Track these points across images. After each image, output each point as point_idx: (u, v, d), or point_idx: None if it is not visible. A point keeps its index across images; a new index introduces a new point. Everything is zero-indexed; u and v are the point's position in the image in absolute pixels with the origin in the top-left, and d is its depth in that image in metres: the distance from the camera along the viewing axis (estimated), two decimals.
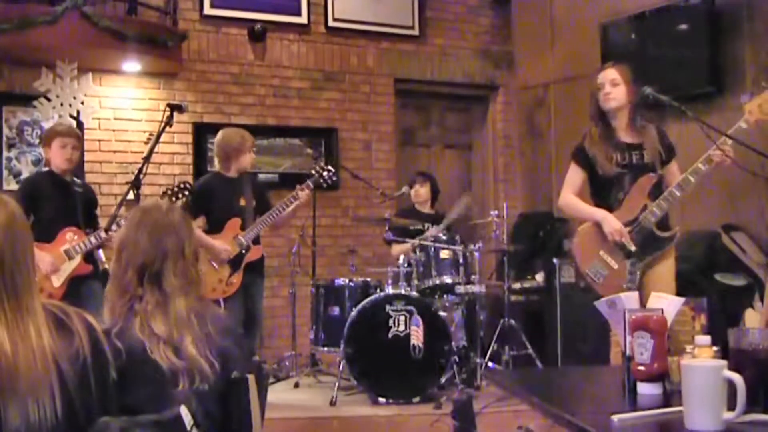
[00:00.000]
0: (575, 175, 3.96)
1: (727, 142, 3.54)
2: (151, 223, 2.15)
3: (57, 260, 4.32)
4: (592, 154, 3.84)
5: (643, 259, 3.75)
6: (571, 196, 3.97)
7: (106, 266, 4.65)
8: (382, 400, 4.82)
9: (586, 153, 3.87)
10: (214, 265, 4.68)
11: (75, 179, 4.62)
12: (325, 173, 5.05)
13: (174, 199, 4.41)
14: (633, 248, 3.73)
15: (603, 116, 3.86)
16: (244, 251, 4.75)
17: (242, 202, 4.87)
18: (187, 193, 4.48)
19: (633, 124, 3.83)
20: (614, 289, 3.48)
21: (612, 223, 3.75)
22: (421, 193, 5.95)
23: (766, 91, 3.51)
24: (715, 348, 1.80)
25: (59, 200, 4.45)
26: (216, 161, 5.08)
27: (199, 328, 2.08)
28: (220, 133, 5.03)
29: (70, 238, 4.39)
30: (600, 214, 3.81)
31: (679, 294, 2.16)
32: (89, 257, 4.47)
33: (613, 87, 3.80)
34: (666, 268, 3.81)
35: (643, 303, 2.15)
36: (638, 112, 3.82)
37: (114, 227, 4.36)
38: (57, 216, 4.42)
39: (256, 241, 4.85)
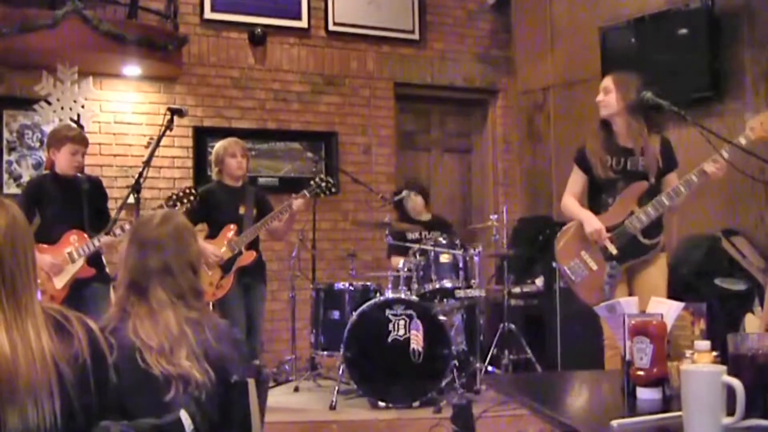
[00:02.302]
0: (575, 179, 4.03)
1: (718, 159, 3.55)
2: (137, 240, 2.19)
3: (60, 262, 4.32)
4: (590, 158, 3.88)
5: (623, 263, 3.77)
6: (569, 198, 4.03)
7: (107, 270, 4.65)
8: (381, 404, 4.82)
9: (585, 156, 3.91)
10: (205, 268, 4.67)
11: (79, 175, 4.59)
12: (324, 184, 5.03)
13: (179, 204, 4.39)
14: (614, 251, 3.76)
15: (606, 122, 3.90)
16: (235, 255, 4.75)
17: (242, 210, 4.87)
18: (192, 198, 4.45)
19: (630, 130, 3.83)
20: (591, 290, 3.54)
21: (592, 223, 3.80)
22: (418, 204, 5.96)
23: None
24: (714, 353, 1.80)
25: (64, 202, 4.45)
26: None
27: (196, 336, 2.08)
28: None
29: (74, 241, 4.39)
30: (583, 214, 3.88)
31: (676, 299, 2.16)
32: (93, 260, 4.47)
33: (605, 95, 3.85)
34: (656, 275, 3.82)
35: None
36: (636, 117, 3.82)
37: (117, 231, 4.35)
38: (62, 217, 4.41)
39: (251, 246, 4.83)
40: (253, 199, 4.95)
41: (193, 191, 4.50)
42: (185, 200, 4.41)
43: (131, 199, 4.52)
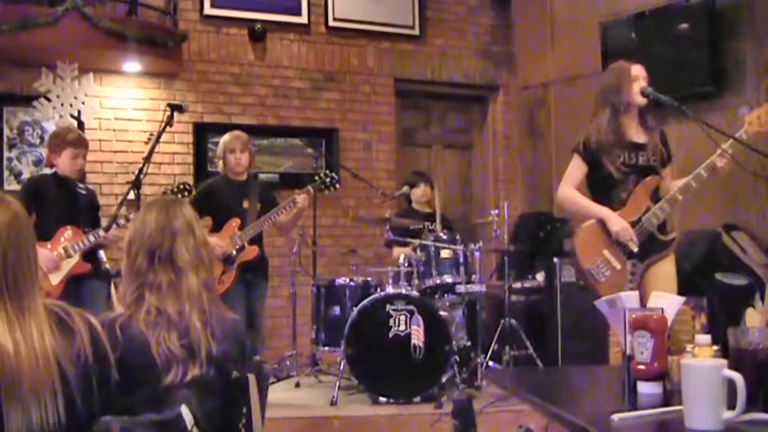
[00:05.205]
0: (577, 170, 3.87)
1: (728, 150, 3.53)
2: (156, 210, 2.20)
3: (56, 258, 4.33)
4: (599, 150, 3.74)
5: (643, 261, 3.72)
6: (571, 190, 3.87)
7: (107, 266, 4.65)
8: (382, 399, 4.82)
9: (591, 148, 3.77)
10: None
11: (79, 183, 4.64)
12: (328, 180, 5.05)
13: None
14: (636, 249, 3.68)
15: (616, 111, 3.76)
16: (237, 250, 4.75)
17: (245, 204, 4.86)
18: (186, 193, 4.50)
19: (643, 124, 3.80)
20: (616, 288, 3.43)
21: (618, 221, 3.68)
22: (427, 193, 5.98)
23: (766, 104, 3.53)
24: (715, 347, 1.80)
25: (62, 202, 4.47)
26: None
27: (207, 316, 2.11)
28: None
29: (68, 237, 4.40)
30: (604, 212, 3.74)
31: (679, 294, 2.16)
32: (89, 256, 4.48)
33: (645, 83, 3.74)
34: (666, 269, 3.77)
35: (643, 303, 2.15)
36: (649, 110, 3.77)
37: (114, 227, 4.36)
38: (59, 217, 4.43)
39: (254, 242, 4.84)
40: (258, 194, 4.95)
41: (188, 186, 4.55)
42: (180, 195, 4.47)
43: (131, 195, 4.52)
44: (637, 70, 3.78)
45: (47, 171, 4.70)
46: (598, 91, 3.89)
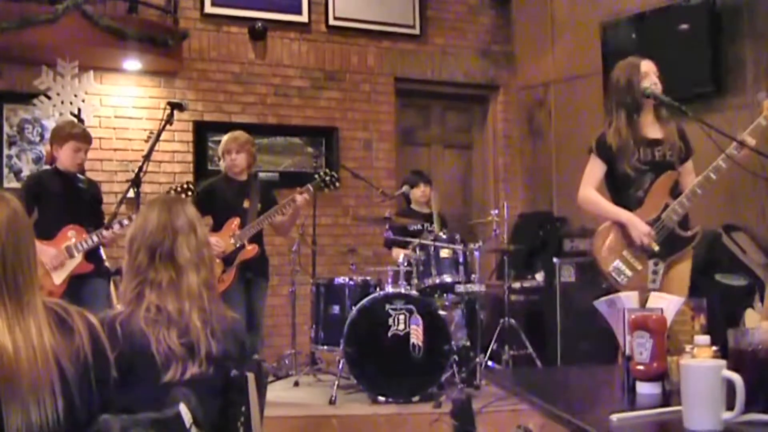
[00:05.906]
0: (596, 169, 3.78)
1: (751, 142, 3.50)
2: (158, 208, 2.20)
3: (60, 256, 4.33)
4: (615, 149, 3.68)
5: (665, 260, 3.64)
6: (592, 191, 3.79)
7: (107, 264, 4.65)
8: (381, 398, 4.83)
9: (608, 146, 3.70)
10: None
11: (79, 176, 4.61)
12: (328, 178, 5.06)
13: None
14: (656, 248, 3.60)
15: (630, 113, 3.69)
16: (237, 249, 4.74)
17: (246, 204, 4.86)
18: (190, 193, 4.49)
19: (659, 119, 3.73)
20: (638, 290, 3.40)
21: (640, 226, 3.61)
22: (426, 193, 5.98)
23: None
24: (714, 348, 1.80)
25: (65, 198, 4.46)
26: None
27: (207, 314, 2.11)
28: None
29: (72, 236, 4.39)
30: (625, 215, 3.66)
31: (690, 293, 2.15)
32: (91, 256, 4.47)
33: (657, 78, 3.70)
34: (685, 268, 3.71)
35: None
36: (664, 107, 3.70)
37: (116, 226, 4.36)
38: (62, 214, 4.42)
39: (254, 241, 4.83)
40: (258, 193, 4.95)
41: (191, 186, 4.53)
42: (182, 195, 4.46)
43: (131, 194, 4.52)
44: (647, 66, 3.72)
45: (47, 167, 4.69)
46: (609, 91, 3.84)
